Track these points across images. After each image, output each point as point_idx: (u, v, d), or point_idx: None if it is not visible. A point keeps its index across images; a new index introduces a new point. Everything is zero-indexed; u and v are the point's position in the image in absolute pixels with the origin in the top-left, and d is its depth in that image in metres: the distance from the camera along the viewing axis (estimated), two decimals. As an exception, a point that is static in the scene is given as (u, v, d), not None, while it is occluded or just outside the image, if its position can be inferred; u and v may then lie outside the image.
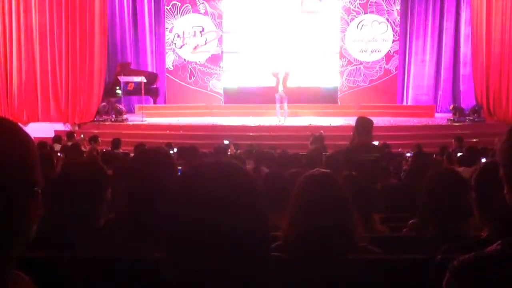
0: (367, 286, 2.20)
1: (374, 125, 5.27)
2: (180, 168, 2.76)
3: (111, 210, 2.49)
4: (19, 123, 1.15)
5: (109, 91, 15.47)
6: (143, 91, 15.34)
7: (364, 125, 5.30)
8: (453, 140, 10.44)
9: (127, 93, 15.72)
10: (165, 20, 17.77)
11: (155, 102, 16.63)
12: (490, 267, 1.24)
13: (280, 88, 14.13)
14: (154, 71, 17.09)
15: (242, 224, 1.05)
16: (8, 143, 1.01)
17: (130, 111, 16.46)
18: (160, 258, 1.10)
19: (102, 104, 15.36)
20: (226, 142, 11.06)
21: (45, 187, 1.07)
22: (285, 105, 14.33)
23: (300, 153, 7.38)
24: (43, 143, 9.07)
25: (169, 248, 1.07)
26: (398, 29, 17.57)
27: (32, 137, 1.14)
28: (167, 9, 17.69)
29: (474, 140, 11.98)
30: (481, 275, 1.24)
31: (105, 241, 2.16)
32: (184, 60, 17.80)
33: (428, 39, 17.46)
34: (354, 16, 17.55)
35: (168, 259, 1.07)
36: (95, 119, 15.10)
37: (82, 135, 12.05)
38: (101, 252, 2.12)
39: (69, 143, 10.07)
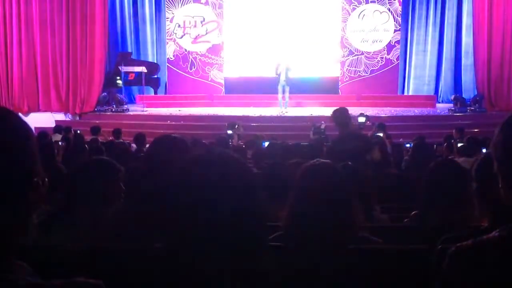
0: (367, 276, 2.21)
1: (365, 115, 5.18)
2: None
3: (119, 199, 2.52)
4: (19, 113, 1.15)
5: (109, 81, 15.45)
6: (143, 81, 15.34)
7: (338, 116, 5.24)
8: (454, 131, 10.41)
9: (127, 83, 15.72)
10: (166, 9, 17.69)
11: (155, 93, 16.62)
12: (488, 252, 1.24)
13: (283, 78, 14.09)
14: (155, 61, 17.07)
15: (237, 210, 1.07)
16: (7, 133, 1.00)
17: (131, 101, 16.46)
18: (161, 248, 1.11)
19: (103, 94, 15.35)
20: (229, 132, 10.86)
21: (57, 179, 1.08)
22: (287, 95, 14.31)
23: (301, 144, 7.37)
24: (44, 133, 9.07)
25: (169, 236, 1.09)
26: (399, 18, 17.47)
27: (33, 128, 1.14)
28: (167, -2, 17.64)
29: (475, 130, 11.95)
30: (479, 261, 1.24)
31: (113, 231, 2.17)
32: (185, 50, 17.74)
33: (430, 29, 17.38)
34: (356, 5, 17.46)
35: (169, 246, 1.08)
36: (96, 109, 15.09)
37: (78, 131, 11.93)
38: (107, 242, 2.13)
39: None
